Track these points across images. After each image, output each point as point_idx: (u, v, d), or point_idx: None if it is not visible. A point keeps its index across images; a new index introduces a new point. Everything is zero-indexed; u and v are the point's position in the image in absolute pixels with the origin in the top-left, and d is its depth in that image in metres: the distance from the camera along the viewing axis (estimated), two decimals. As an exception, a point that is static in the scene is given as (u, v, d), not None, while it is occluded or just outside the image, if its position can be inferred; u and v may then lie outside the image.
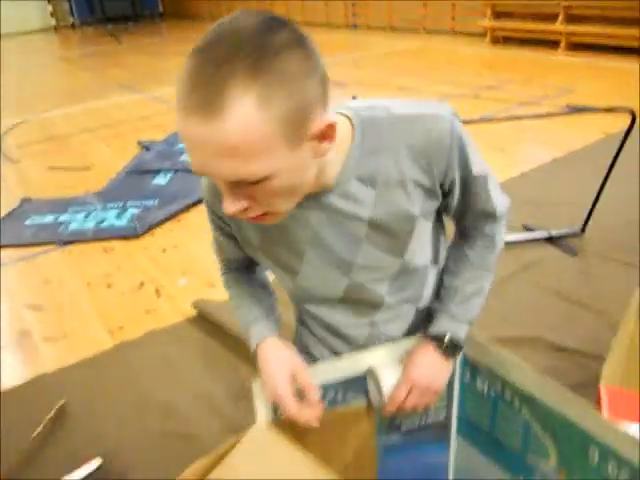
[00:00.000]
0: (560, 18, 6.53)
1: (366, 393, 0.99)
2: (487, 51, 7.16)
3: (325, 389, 0.98)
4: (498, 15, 7.45)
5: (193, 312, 2.07)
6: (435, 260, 0.93)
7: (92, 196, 3.23)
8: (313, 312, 0.99)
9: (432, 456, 1.14)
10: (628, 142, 2.21)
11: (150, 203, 3.04)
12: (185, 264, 2.45)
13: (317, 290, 0.93)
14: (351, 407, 1.01)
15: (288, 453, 0.90)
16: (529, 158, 3.35)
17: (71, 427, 1.60)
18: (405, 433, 1.08)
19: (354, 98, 5.41)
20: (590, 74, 5.45)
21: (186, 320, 2.03)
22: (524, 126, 3.94)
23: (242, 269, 1.00)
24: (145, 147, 4.01)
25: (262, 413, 0.96)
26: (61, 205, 3.12)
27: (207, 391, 1.68)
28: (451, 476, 1.17)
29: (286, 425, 0.95)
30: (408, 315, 0.97)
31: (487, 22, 7.42)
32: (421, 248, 0.88)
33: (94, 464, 1.48)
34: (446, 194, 0.83)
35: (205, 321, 2.00)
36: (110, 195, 3.21)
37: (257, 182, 0.63)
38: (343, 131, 0.74)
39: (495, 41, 7.43)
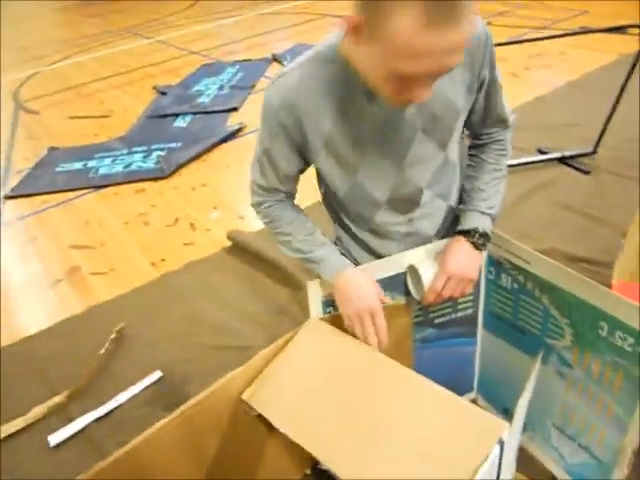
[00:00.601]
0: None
1: (405, 290, 1.13)
2: (497, -25, 6.95)
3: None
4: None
5: (228, 243, 2.22)
6: (461, 160, 1.08)
7: (116, 141, 3.33)
8: (359, 213, 1.11)
9: (461, 346, 1.29)
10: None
11: (174, 145, 3.14)
12: (215, 200, 2.57)
13: (370, 186, 1.04)
14: (391, 304, 1.16)
15: (343, 339, 1.05)
16: (543, 82, 3.38)
17: (131, 346, 1.78)
18: (438, 326, 1.24)
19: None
20: (604, -6, 5.32)
21: (222, 250, 2.18)
22: (537, 50, 3.92)
23: (283, 199, 1.10)
24: (161, 92, 4.06)
25: (315, 310, 1.11)
26: (88, 151, 3.23)
27: (251, 310, 1.85)
28: (477, 363, 1.33)
29: (333, 320, 1.10)
30: (440, 212, 1.11)
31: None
32: (455, 145, 1.03)
33: (155, 375, 1.67)
34: (477, 92, 0.98)
35: (240, 250, 2.14)
36: (133, 140, 3.31)
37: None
38: None
39: (505, -36, 7.18)
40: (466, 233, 1.04)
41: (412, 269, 1.08)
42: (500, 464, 0.85)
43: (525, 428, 1.21)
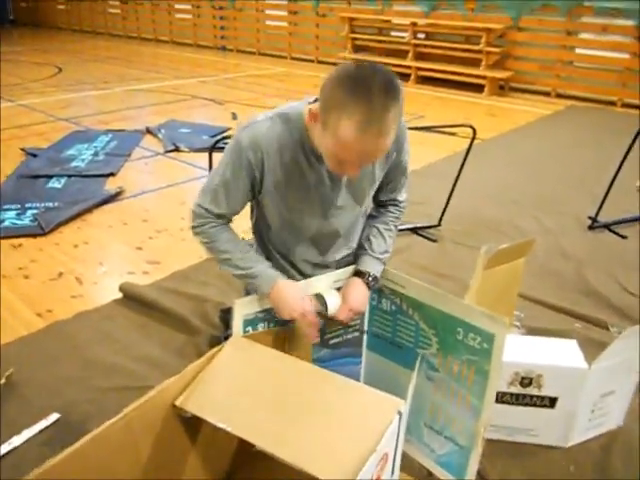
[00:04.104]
0: (410, 55, 7.52)
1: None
2: (349, 79, 7.92)
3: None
4: (357, 48, 8.31)
5: (118, 295, 2.28)
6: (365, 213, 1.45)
7: (-16, 199, 3.21)
8: (284, 243, 1.40)
9: (350, 366, 1.54)
10: (469, 155, 2.86)
11: (50, 204, 3.13)
12: (101, 257, 2.63)
13: (300, 224, 1.35)
14: (296, 327, 1.38)
15: (264, 350, 1.25)
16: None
17: (23, 391, 1.75)
18: (332, 347, 1.48)
19: (233, 115, 5.73)
20: (437, 104, 6.39)
21: (113, 301, 2.24)
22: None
23: (224, 223, 1.33)
24: (31, 154, 4.01)
25: (237, 328, 1.30)
26: (-49, 207, 3.08)
27: (146, 353, 1.93)
28: (362, 380, 1.58)
29: (253, 338, 1.30)
30: (344, 250, 1.46)
31: (347, 54, 8.23)
32: (369, 202, 1.40)
33: (52, 418, 1.67)
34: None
35: (133, 301, 2.23)
36: (4, 198, 3.22)
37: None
38: None
39: (355, 71, 8.25)
40: (361, 275, 1.35)
41: (320, 297, 1.34)
42: (399, 434, 1.09)
43: (403, 432, 1.47)
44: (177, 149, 4.31)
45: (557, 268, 2.64)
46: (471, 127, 2.70)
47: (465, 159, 2.88)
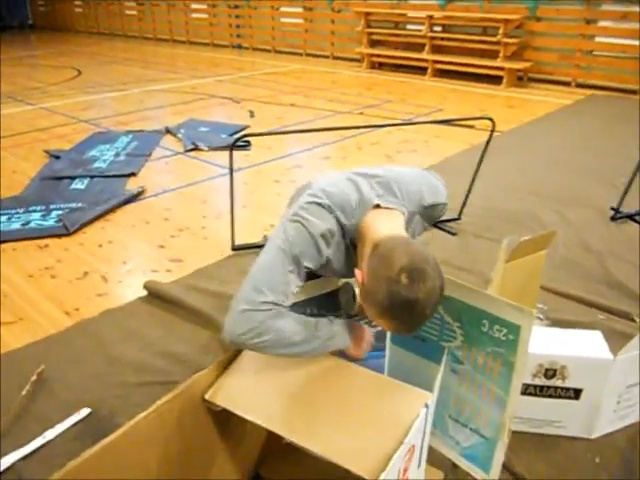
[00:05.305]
0: (427, 48, 7.47)
1: (334, 307, 1.38)
2: (365, 75, 7.93)
3: (305, 305, 1.37)
4: (373, 43, 8.28)
5: (142, 293, 2.32)
6: None
7: (10, 200, 3.28)
8: None
9: (375, 359, 1.55)
10: (488, 147, 2.84)
11: (74, 205, 3.18)
12: (125, 256, 2.67)
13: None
14: (321, 320, 1.40)
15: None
16: (411, 164, 3.95)
17: (53, 387, 1.80)
18: (357, 341, 1.49)
19: (251, 113, 5.75)
20: (455, 96, 6.35)
21: (138, 299, 2.28)
22: (406, 137, 4.59)
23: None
24: (54, 156, 4.08)
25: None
26: (-21, 210, 3.15)
27: (172, 350, 1.96)
28: (386, 373, 1.59)
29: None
30: None
31: (364, 49, 8.21)
32: None
33: (83, 413, 1.71)
34: None
35: (157, 298, 2.26)
36: (29, 199, 3.29)
37: None
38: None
39: (371, 66, 8.24)
40: None
41: (346, 286, 1.35)
42: (425, 426, 1.10)
43: (427, 425, 1.47)
44: (196, 148, 4.35)
45: (579, 260, 2.62)
46: (490, 119, 2.69)
47: (484, 151, 2.86)
